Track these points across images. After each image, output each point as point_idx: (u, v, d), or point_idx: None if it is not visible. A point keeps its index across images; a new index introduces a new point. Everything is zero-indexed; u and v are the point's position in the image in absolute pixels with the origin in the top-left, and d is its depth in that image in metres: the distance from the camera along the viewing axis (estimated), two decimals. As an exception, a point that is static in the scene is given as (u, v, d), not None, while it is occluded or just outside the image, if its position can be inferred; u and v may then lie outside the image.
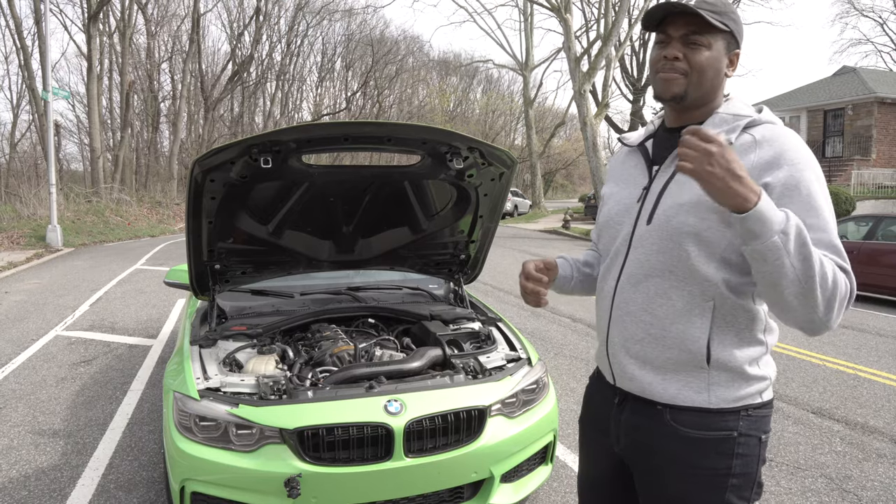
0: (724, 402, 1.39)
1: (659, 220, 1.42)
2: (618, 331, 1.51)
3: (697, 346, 1.38)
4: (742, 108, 1.45)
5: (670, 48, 1.42)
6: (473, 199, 3.24)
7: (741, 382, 1.40)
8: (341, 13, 39.90)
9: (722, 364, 1.39)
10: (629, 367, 1.49)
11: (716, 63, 1.41)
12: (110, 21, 28.94)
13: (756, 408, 1.42)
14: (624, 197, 1.56)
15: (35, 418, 4.21)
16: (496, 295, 8.92)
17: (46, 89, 15.41)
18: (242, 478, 2.33)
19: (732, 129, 1.40)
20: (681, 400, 1.41)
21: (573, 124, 48.28)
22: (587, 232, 19.50)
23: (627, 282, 1.49)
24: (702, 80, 1.41)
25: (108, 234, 18.04)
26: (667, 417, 1.43)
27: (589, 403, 1.72)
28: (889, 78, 26.71)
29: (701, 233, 1.35)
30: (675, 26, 1.41)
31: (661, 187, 1.45)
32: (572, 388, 4.89)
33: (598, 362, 1.66)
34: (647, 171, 1.53)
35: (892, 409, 4.53)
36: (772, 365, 1.47)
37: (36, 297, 8.58)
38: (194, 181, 2.65)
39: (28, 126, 32.24)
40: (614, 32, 18.72)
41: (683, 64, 1.40)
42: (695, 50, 1.40)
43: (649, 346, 1.44)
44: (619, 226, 1.54)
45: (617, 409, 1.55)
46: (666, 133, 1.53)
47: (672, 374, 1.43)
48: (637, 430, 1.50)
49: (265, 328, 3.11)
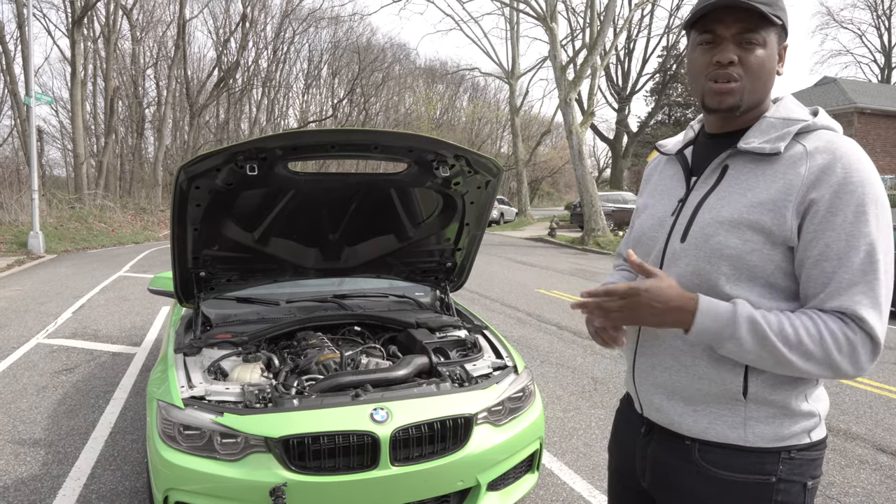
0: (762, 441, 1.23)
1: (695, 239, 1.27)
2: (645, 357, 1.37)
3: (732, 377, 1.23)
4: (794, 110, 1.28)
5: (723, 51, 1.23)
6: (460, 207, 3.25)
7: (784, 419, 1.23)
8: (328, 20, 39.92)
9: (761, 397, 1.22)
10: (657, 396, 1.35)
11: (771, 63, 1.25)
12: (95, 26, 28.79)
13: (802, 449, 1.23)
14: (658, 210, 1.41)
15: (15, 427, 4.15)
16: (482, 303, 8.93)
17: (29, 94, 15.25)
18: (227, 487, 2.31)
19: (782, 137, 1.22)
20: (712, 435, 1.26)
21: (559, 132, 48.65)
22: (573, 240, 19.57)
23: None
24: (757, 84, 1.25)
25: (91, 241, 17.84)
26: (695, 455, 1.28)
27: (617, 429, 1.57)
28: (868, 88, 27.20)
29: (743, 256, 1.20)
30: (725, 24, 1.22)
31: (699, 200, 1.30)
32: (558, 396, 4.90)
33: (627, 388, 1.51)
34: (684, 181, 1.38)
35: (873, 416, 4.58)
36: (824, 399, 1.29)
37: (17, 305, 8.47)
38: (179, 188, 2.64)
39: (10, 131, 31.91)
40: (600, 41, 18.87)
41: (738, 68, 1.23)
42: (749, 50, 1.22)
43: (678, 374, 1.30)
44: (653, 241, 1.39)
45: (643, 441, 1.41)
46: (707, 140, 1.38)
47: (704, 406, 1.28)
48: (663, 466, 1.35)
49: (250, 336, 3.09)
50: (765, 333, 1.13)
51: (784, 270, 1.20)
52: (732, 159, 1.28)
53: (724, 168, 1.29)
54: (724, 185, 1.27)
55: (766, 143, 1.23)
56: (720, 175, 1.29)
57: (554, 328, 7.37)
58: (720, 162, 1.30)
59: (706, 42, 1.26)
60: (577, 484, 3.45)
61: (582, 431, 4.19)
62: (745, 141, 1.26)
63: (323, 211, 3.09)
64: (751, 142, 1.25)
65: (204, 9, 41.49)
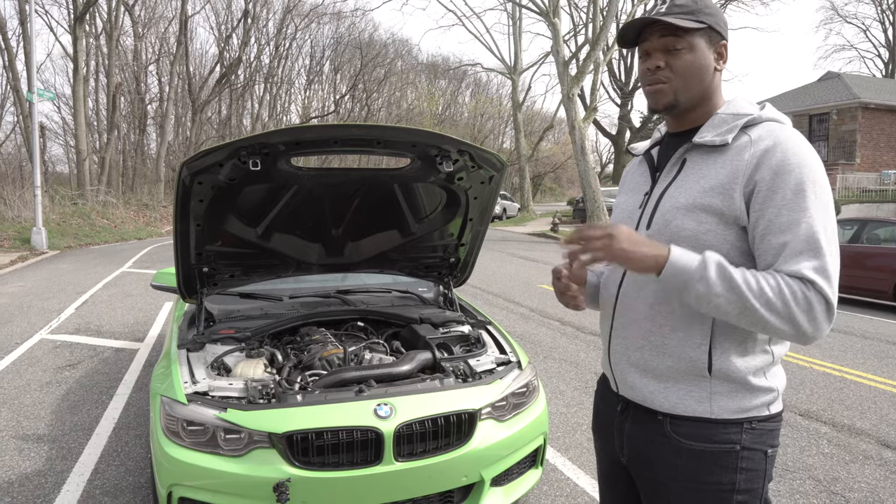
0: (726, 413, 1.34)
1: (657, 225, 1.40)
2: (620, 339, 1.48)
3: (698, 355, 1.34)
4: (743, 106, 1.40)
5: (651, 59, 1.40)
6: (463, 203, 3.24)
7: (745, 393, 1.34)
8: (330, 16, 39.95)
9: (724, 373, 1.34)
10: (630, 375, 1.45)
11: (700, 62, 1.38)
12: (97, 22, 28.80)
13: (762, 420, 1.36)
14: (629, 205, 1.54)
15: (19, 423, 4.16)
16: (485, 298, 8.92)
17: (31, 90, 15.26)
18: (231, 483, 2.31)
19: (731, 130, 1.35)
20: (681, 409, 1.37)
21: (561, 128, 48.50)
22: (576, 235, 19.52)
23: (629, 288, 1.46)
24: (688, 83, 1.39)
25: (94, 237, 17.88)
26: (667, 428, 1.39)
27: (597, 411, 1.67)
28: (872, 83, 27.06)
29: (699, 236, 1.32)
30: (650, 39, 1.39)
31: (662, 191, 1.43)
32: (562, 391, 4.90)
33: (603, 368, 1.62)
34: (650, 177, 1.52)
35: (877, 411, 4.57)
36: (781, 376, 1.41)
37: (20, 301, 8.48)
38: (182, 184, 2.63)
39: (12, 127, 32.02)
40: (602, 37, 18.82)
41: (667, 72, 1.38)
42: (675, 55, 1.37)
43: (649, 353, 1.41)
44: None
45: (620, 418, 1.52)
46: (670, 139, 1.52)
47: (673, 383, 1.38)
48: (638, 440, 1.46)
49: (254, 332, 3.09)
50: (731, 276, 1.22)
51: (739, 249, 1.31)
52: (690, 153, 1.42)
53: (683, 161, 1.42)
54: (682, 176, 1.41)
55: (716, 137, 1.36)
56: (679, 168, 1.43)
57: (557, 324, 7.37)
58: (679, 156, 1.43)
59: (642, 55, 1.43)
60: (581, 479, 3.44)
61: (585, 427, 4.18)
62: (699, 136, 1.39)
63: (326, 206, 3.08)
64: (704, 136, 1.38)
65: (206, 5, 41.42)
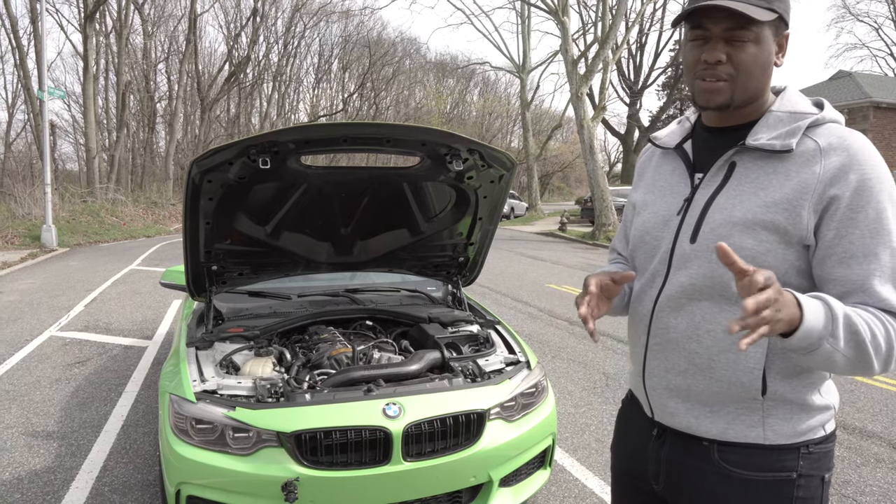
0: (781, 438, 1.21)
1: (706, 240, 1.22)
2: (657, 361, 1.33)
3: (751, 378, 1.20)
4: (800, 102, 1.23)
5: (711, 50, 1.19)
6: (472, 202, 3.23)
7: (802, 414, 1.22)
8: (338, 15, 39.92)
9: (779, 395, 1.21)
10: (671, 401, 1.31)
11: (764, 57, 1.19)
12: (107, 21, 28.88)
13: (818, 443, 1.23)
14: (661, 208, 1.35)
15: (29, 420, 4.18)
16: (494, 297, 8.90)
17: (42, 89, 15.34)
18: (239, 481, 2.31)
19: (792, 133, 1.18)
20: (731, 435, 1.24)
21: (570, 127, 48.45)
22: (584, 235, 19.50)
23: (667, 305, 1.30)
24: (749, 81, 1.19)
25: (103, 235, 17.96)
26: (714, 455, 1.25)
27: (622, 431, 1.53)
28: (884, 83, 26.85)
29: (758, 257, 1.16)
30: (714, 20, 1.17)
31: (707, 200, 1.25)
32: (570, 392, 4.88)
33: (634, 391, 1.46)
34: (688, 178, 1.33)
35: (889, 414, 4.53)
36: (834, 391, 1.28)
37: (30, 298, 8.53)
38: (192, 182, 2.63)
39: (23, 125, 32.19)
40: (611, 35, 18.75)
41: (728, 67, 1.18)
42: (739, 47, 1.17)
43: (694, 377, 1.26)
44: (657, 241, 1.34)
45: (656, 443, 1.37)
46: (706, 133, 1.34)
47: (720, 406, 1.25)
48: (680, 468, 1.31)
49: (262, 330, 3.09)
50: (857, 329, 1.05)
51: (798, 269, 1.18)
52: (739, 156, 1.24)
53: (732, 165, 1.24)
54: (734, 184, 1.23)
55: (775, 140, 1.19)
56: (727, 173, 1.25)
57: (565, 323, 7.34)
58: (727, 159, 1.25)
59: (697, 38, 1.21)
60: (590, 480, 3.43)
61: (594, 427, 4.17)
62: (753, 137, 1.21)
63: (335, 205, 3.08)
64: (759, 138, 1.21)
65: (215, 3, 41.69)
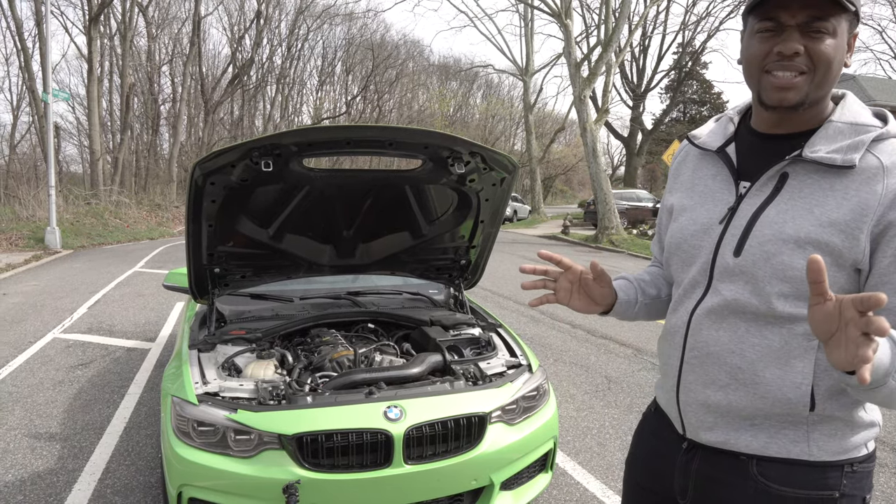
0: (826, 455, 1.15)
1: (753, 255, 1.14)
2: (694, 376, 1.24)
3: (798, 394, 1.12)
4: (862, 113, 1.14)
5: (787, 41, 1.07)
6: (475, 204, 3.23)
7: (847, 431, 1.15)
8: (342, 17, 39.91)
9: (828, 411, 1.13)
10: (708, 416, 1.23)
11: (839, 53, 1.09)
12: (111, 23, 28.98)
13: (861, 461, 1.17)
14: (702, 215, 1.26)
15: (32, 422, 4.18)
16: (496, 300, 8.90)
17: (47, 91, 15.39)
18: (240, 484, 2.31)
19: (854, 147, 1.08)
20: (773, 450, 1.17)
21: (573, 130, 48.38)
22: (587, 238, 19.47)
23: (707, 317, 1.22)
24: (826, 77, 1.09)
25: (106, 237, 17.99)
26: (752, 469, 1.18)
27: (642, 443, 1.46)
28: (888, 86, 26.82)
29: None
30: (790, 10, 1.07)
31: (754, 211, 1.16)
32: (572, 395, 4.87)
33: (664, 405, 1.38)
34: (732, 185, 1.23)
35: (892, 419, 4.51)
36: (877, 408, 1.21)
37: (34, 300, 8.55)
38: (195, 184, 2.64)
39: (28, 128, 32.23)
40: (615, 38, 18.75)
41: (806, 59, 1.08)
42: (817, 39, 1.07)
43: (736, 393, 1.18)
44: (696, 250, 1.26)
45: (685, 456, 1.30)
46: (754, 139, 1.24)
47: (762, 420, 1.18)
48: (713, 483, 1.24)
49: (264, 332, 3.10)
50: None
51: (845, 292, 1.09)
52: (793, 167, 1.14)
53: (784, 177, 1.15)
54: (785, 197, 1.13)
55: (835, 154, 1.09)
56: (778, 184, 1.15)
57: (567, 326, 7.33)
58: (779, 169, 1.15)
59: (767, 30, 1.10)
60: (591, 484, 3.42)
61: (596, 431, 4.16)
62: (812, 149, 1.11)
63: (337, 207, 3.09)
64: (817, 150, 1.11)
65: (219, 6, 41.60)
